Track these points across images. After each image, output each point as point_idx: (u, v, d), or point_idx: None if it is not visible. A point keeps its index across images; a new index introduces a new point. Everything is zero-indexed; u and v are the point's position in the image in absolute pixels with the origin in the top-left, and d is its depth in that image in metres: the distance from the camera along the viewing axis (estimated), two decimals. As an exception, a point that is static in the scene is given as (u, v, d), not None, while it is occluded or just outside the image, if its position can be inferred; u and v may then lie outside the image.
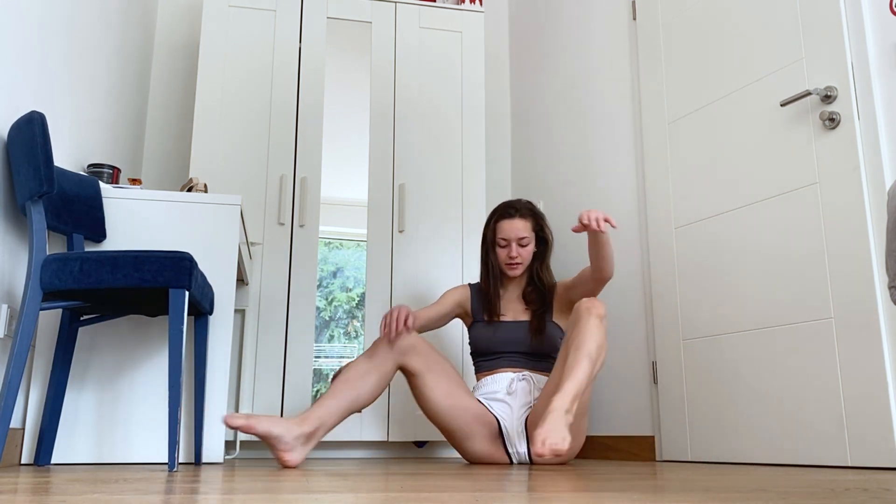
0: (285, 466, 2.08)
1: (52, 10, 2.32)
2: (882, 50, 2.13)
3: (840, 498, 1.08)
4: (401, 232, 3.23)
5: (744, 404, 2.42)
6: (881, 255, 2.08)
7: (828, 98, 2.23)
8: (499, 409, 2.42)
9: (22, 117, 1.96)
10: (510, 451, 2.40)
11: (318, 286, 3.16)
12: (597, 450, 3.05)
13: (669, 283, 2.77)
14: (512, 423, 2.40)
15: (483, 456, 2.40)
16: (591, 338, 2.14)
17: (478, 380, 2.57)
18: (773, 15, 2.47)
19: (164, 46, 3.69)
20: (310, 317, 3.05)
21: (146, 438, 2.19)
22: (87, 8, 2.65)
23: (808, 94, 2.26)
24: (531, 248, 2.56)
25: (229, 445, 2.92)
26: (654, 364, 2.82)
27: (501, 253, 2.56)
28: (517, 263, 2.54)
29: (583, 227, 2.26)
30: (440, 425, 2.40)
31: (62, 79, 2.43)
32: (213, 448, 2.23)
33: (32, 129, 1.91)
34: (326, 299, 3.17)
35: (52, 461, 2.14)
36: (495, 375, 2.50)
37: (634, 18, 3.12)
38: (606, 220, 2.23)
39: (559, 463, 2.36)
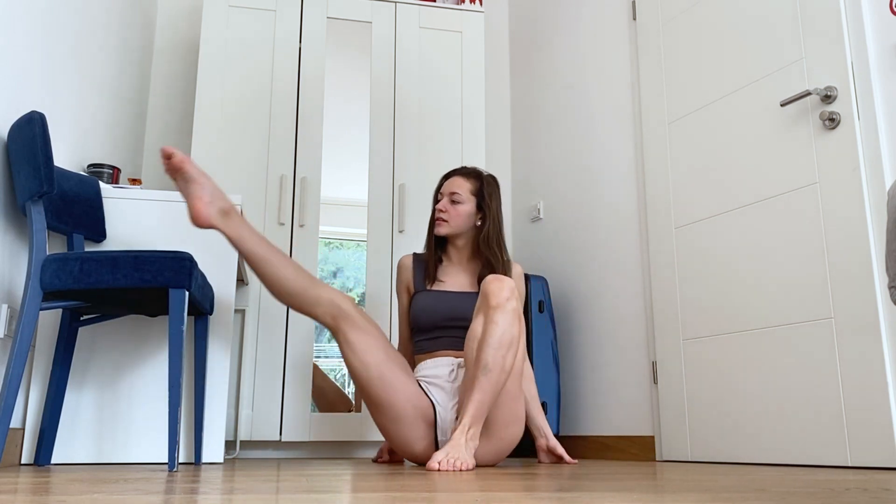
0: (194, 219, 2.05)
1: (53, 11, 2.32)
2: (882, 50, 2.13)
3: (840, 498, 1.08)
4: (401, 232, 3.23)
5: (744, 404, 2.42)
6: (881, 255, 2.08)
7: (828, 98, 2.23)
8: (437, 396, 2.23)
9: (22, 117, 1.96)
10: (441, 439, 2.20)
11: (318, 286, 3.16)
12: (597, 450, 3.05)
13: (669, 283, 2.77)
14: (447, 412, 2.21)
15: (409, 442, 2.18)
16: (486, 344, 1.97)
17: (417, 362, 2.39)
18: (773, 15, 2.47)
19: (164, 46, 3.69)
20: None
21: (146, 438, 2.19)
22: (88, 8, 2.65)
23: (808, 94, 2.26)
24: (465, 210, 2.39)
25: (229, 445, 2.92)
26: (654, 364, 2.82)
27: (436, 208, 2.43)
28: (443, 220, 2.39)
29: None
30: (368, 398, 2.16)
31: (62, 79, 2.43)
32: (213, 448, 2.23)
33: (32, 129, 1.91)
34: (326, 299, 3.17)
35: (52, 461, 2.14)
36: (436, 359, 2.32)
37: (634, 18, 3.12)
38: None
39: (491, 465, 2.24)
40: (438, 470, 1.82)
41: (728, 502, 1.01)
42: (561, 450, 2.43)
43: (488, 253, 2.38)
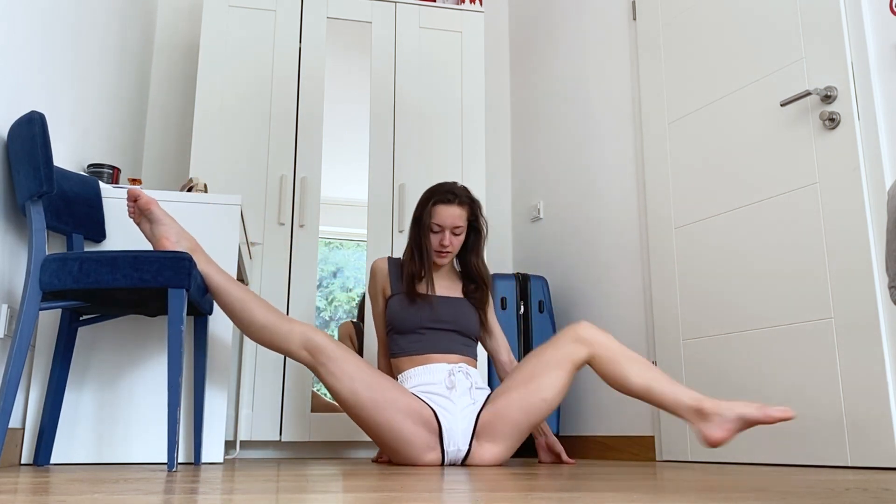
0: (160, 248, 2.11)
1: (53, 11, 2.32)
2: (882, 50, 2.13)
3: (840, 498, 1.08)
4: (401, 232, 3.23)
5: (744, 404, 2.42)
6: (881, 255, 2.08)
7: (828, 98, 2.23)
8: (441, 403, 2.21)
9: (22, 117, 1.96)
10: (448, 449, 2.17)
11: (318, 286, 3.16)
12: (597, 450, 3.05)
13: (669, 283, 2.77)
14: (455, 420, 2.18)
15: (417, 455, 2.16)
16: (624, 357, 2.12)
17: (402, 368, 2.35)
18: (773, 15, 2.47)
19: (164, 46, 3.69)
20: (310, 317, 3.05)
21: (146, 438, 2.19)
22: (88, 8, 2.65)
23: (808, 94, 2.26)
24: (463, 236, 2.42)
25: (229, 445, 2.92)
26: (654, 364, 2.82)
27: (434, 239, 2.40)
28: (447, 252, 2.39)
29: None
30: (364, 423, 2.15)
31: (62, 79, 2.43)
32: (213, 448, 2.23)
33: (32, 129, 1.91)
34: (326, 299, 3.17)
35: (52, 461, 2.14)
36: (428, 366, 2.30)
37: (634, 18, 3.12)
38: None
39: (496, 465, 2.23)
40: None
41: (728, 502, 1.01)
42: (559, 448, 2.45)
43: (470, 266, 2.46)
